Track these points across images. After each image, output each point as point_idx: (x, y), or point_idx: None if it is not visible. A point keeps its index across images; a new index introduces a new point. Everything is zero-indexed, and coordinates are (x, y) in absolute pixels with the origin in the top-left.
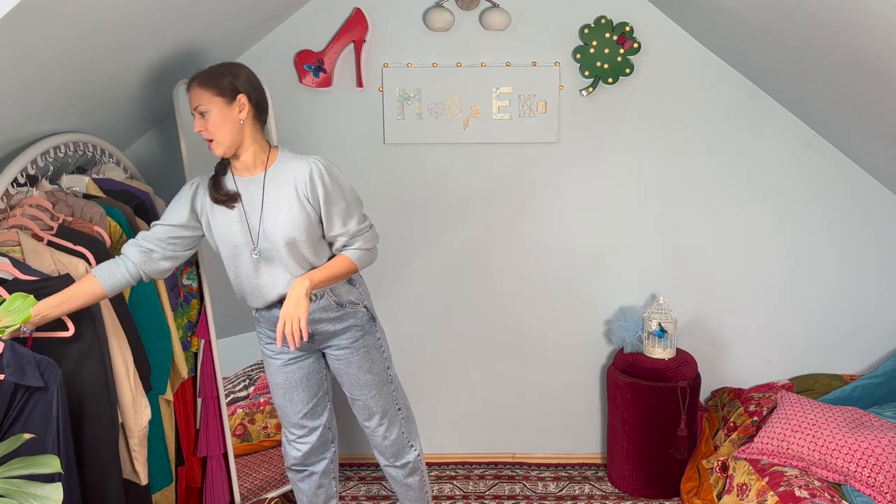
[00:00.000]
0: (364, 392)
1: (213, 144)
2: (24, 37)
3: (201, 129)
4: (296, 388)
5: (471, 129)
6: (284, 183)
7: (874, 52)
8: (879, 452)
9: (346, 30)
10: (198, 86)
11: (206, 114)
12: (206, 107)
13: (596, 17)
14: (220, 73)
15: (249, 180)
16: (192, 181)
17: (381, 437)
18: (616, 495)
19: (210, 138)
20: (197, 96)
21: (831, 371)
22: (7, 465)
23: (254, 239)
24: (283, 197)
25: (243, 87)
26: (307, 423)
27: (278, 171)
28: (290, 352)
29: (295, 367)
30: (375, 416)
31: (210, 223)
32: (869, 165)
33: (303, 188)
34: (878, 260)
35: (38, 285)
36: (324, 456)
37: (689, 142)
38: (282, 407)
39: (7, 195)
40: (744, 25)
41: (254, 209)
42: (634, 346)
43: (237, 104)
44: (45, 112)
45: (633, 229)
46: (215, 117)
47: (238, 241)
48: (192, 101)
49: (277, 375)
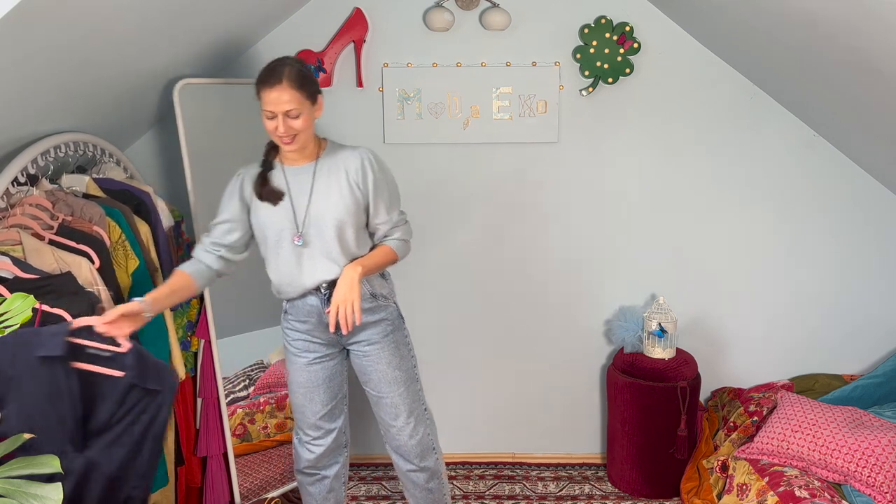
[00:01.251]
0: (392, 389)
1: (290, 141)
2: (24, 37)
3: (287, 130)
4: (317, 389)
5: (471, 129)
6: (335, 170)
7: (874, 52)
8: (879, 452)
9: (346, 30)
10: (290, 87)
11: (297, 116)
12: (298, 110)
13: (596, 17)
14: (306, 74)
15: (299, 169)
16: (237, 174)
17: (406, 436)
18: (616, 495)
19: (292, 135)
20: (290, 99)
21: (831, 371)
22: (7, 465)
23: (298, 225)
24: (333, 183)
25: (318, 88)
26: (324, 425)
27: (329, 160)
28: (316, 350)
29: (319, 366)
30: (402, 414)
31: (255, 212)
32: (869, 165)
33: (354, 175)
34: (878, 260)
35: (38, 283)
36: (336, 460)
37: (689, 142)
38: (300, 407)
39: (7, 194)
40: (744, 25)
41: (302, 196)
42: (634, 346)
43: (317, 104)
44: (45, 112)
45: (633, 229)
46: (304, 119)
47: (281, 228)
48: (277, 103)
49: (300, 374)
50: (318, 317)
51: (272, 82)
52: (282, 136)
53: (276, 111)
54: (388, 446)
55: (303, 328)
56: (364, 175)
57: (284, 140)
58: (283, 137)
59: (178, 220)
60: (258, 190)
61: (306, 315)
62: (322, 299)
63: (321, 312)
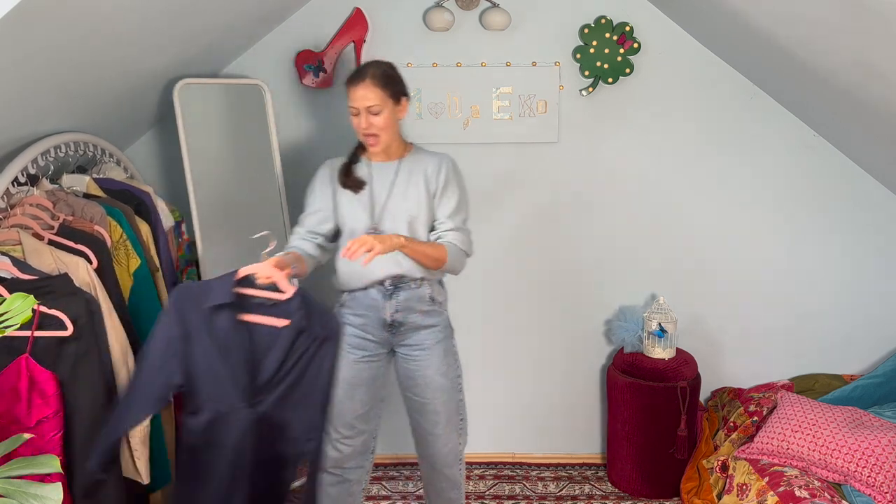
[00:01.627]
0: (437, 396)
1: (374, 140)
2: (24, 37)
3: (368, 126)
4: (359, 387)
5: (471, 129)
6: (416, 171)
7: (874, 51)
8: (879, 452)
9: (346, 30)
10: (374, 85)
11: (378, 113)
12: (379, 107)
13: (596, 17)
14: (391, 75)
15: (383, 165)
16: (325, 165)
17: (441, 444)
18: (616, 495)
19: (373, 133)
20: (372, 96)
21: (831, 371)
22: (7, 465)
23: (374, 217)
24: (412, 182)
25: (404, 90)
26: (358, 425)
27: (413, 161)
28: (366, 348)
29: (366, 365)
30: (442, 422)
31: (338, 202)
32: (869, 165)
33: (432, 173)
34: (878, 260)
35: (37, 284)
36: (362, 464)
37: (688, 142)
38: (339, 403)
39: (8, 194)
40: (744, 25)
41: (382, 190)
42: (634, 346)
43: (401, 106)
44: (45, 112)
45: (633, 229)
46: (386, 117)
47: (357, 219)
48: (361, 99)
49: (345, 370)
50: (377, 312)
51: (357, 80)
52: (365, 133)
53: (359, 107)
54: (419, 453)
55: (357, 322)
56: (438, 173)
57: (370, 140)
58: (366, 135)
59: (178, 220)
60: (342, 178)
61: (365, 309)
62: (385, 294)
63: (381, 308)
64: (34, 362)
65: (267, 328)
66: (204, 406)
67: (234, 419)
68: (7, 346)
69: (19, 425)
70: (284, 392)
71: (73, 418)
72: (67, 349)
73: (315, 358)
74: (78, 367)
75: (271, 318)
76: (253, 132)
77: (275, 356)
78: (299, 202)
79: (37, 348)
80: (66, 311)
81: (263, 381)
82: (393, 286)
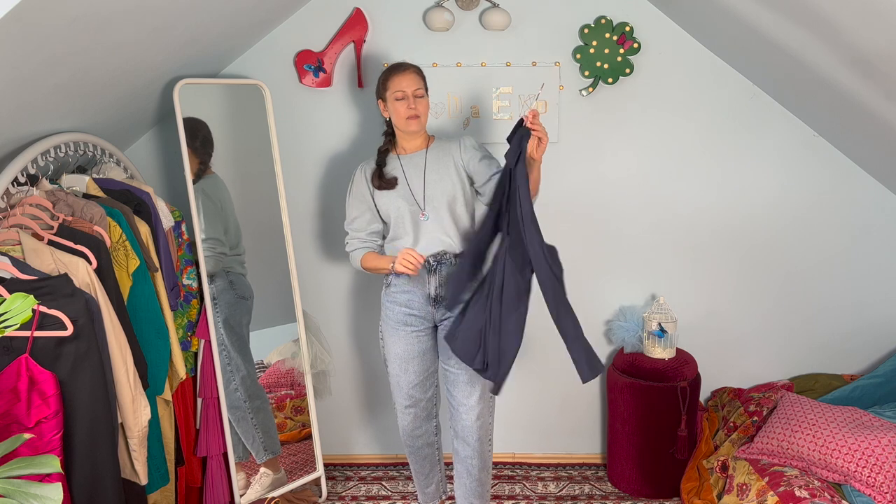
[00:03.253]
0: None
1: (416, 120)
2: (25, 37)
3: (413, 107)
4: (412, 360)
5: (471, 129)
6: (443, 156)
7: (875, 51)
8: (879, 452)
9: (346, 30)
10: (417, 74)
11: (422, 98)
12: (423, 91)
13: (596, 17)
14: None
15: (412, 156)
16: (359, 170)
17: (474, 416)
18: (616, 495)
19: (417, 115)
20: (417, 81)
21: (831, 371)
22: (7, 465)
23: (420, 203)
24: (442, 166)
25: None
26: (416, 394)
27: (437, 148)
28: (412, 324)
29: (415, 338)
30: (476, 393)
31: (378, 199)
32: (869, 165)
33: (457, 155)
34: (879, 260)
35: (37, 284)
36: (427, 427)
37: (689, 142)
38: (396, 376)
39: (7, 194)
40: (744, 26)
41: (417, 179)
42: (634, 346)
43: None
44: (45, 112)
45: (633, 229)
46: (425, 103)
47: (402, 208)
48: (411, 84)
49: (397, 345)
50: (422, 288)
51: (403, 69)
52: (410, 115)
53: (407, 90)
54: (454, 431)
55: (403, 300)
56: (462, 150)
57: (412, 121)
58: (410, 117)
59: (178, 220)
60: (376, 182)
61: (412, 285)
62: (429, 270)
63: (426, 284)
64: (34, 362)
65: None
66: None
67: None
68: (7, 346)
69: (19, 425)
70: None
71: (72, 418)
72: (67, 349)
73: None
74: (78, 367)
75: None
76: (253, 132)
77: None
78: (299, 202)
79: (36, 348)
80: (65, 311)
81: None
82: (437, 263)
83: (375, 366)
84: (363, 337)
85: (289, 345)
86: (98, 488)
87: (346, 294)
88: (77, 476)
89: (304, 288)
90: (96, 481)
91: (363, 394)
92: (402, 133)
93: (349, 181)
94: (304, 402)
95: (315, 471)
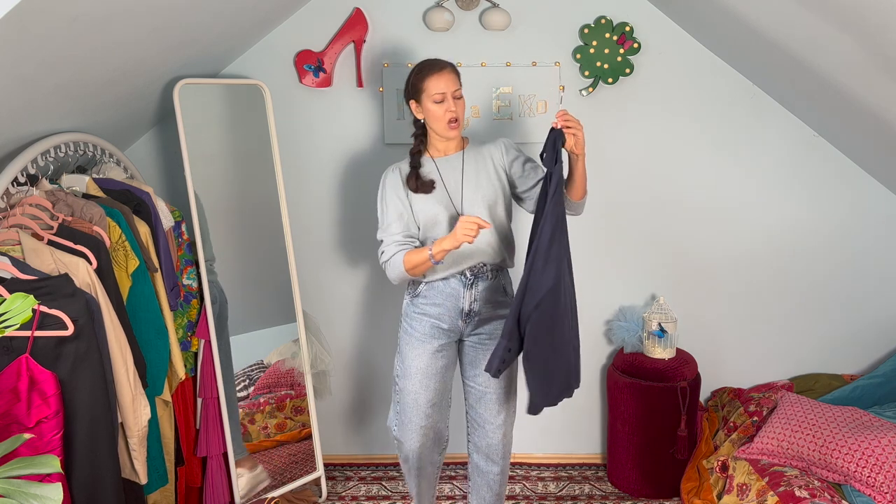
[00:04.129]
0: (500, 385)
1: (456, 124)
2: (25, 37)
3: (453, 109)
4: (434, 376)
5: (471, 129)
6: (481, 159)
7: (875, 51)
8: (879, 452)
9: (346, 30)
10: (454, 73)
11: (459, 99)
12: (461, 92)
13: (596, 17)
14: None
15: (448, 159)
16: (391, 171)
17: (501, 435)
18: (616, 495)
19: (457, 118)
20: (456, 81)
21: (831, 371)
22: (7, 465)
23: (457, 208)
24: (481, 169)
25: None
26: (433, 413)
27: (474, 151)
28: (440, 338)
29: (440, 355)
30: (503, 412)
31: (412, 204)
32: (869, 165)
33: (499, 159)
34: (879, 260)
35: (35, 285)
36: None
37: (689, 141)
38: (414, 394)
39: (7, 194)
40: (744, 26)
41: (454, 182)
42: (634, 346)
43: None
44: (45, 112)
45: (633, 229)
46: (464, 102)
47: (438, 213)
48: (449, 84)
49: (420, 360)
50: (456, 302)
51: (439, 68)
52: (451, 117)
53: (446, 91)
54: (475, 446)
55: (434, 312)
56: (505, 153)
57: (452, 125)
58: (451, 120)
59: (178, 220)
60: (412, 184)
61: (444, 298)
62: (465, 284)
63: (460, 297)
64: (34, 362)
65: None
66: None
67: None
68: (7, 346)
69: (19, 425)
70: None
71: (72, 418)
72: (67, 349)
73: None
74: (78, 367)
75: None
76: (253, 132)
77: None
78: (299, 202)
79: (37, 348)
80: (66, 311)
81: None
82: (473, 276)
83: (375, 366)
84: (363, 337)
85: (289, 345)
86: (98, 488)
87: (346, 294)
88: (77, 476)
89: (304, 288)
90: (96, 481)
91: (363, 394)
92: (437, 136)
93: (379, 186)
94: (304, 402)
95: (315, 471)
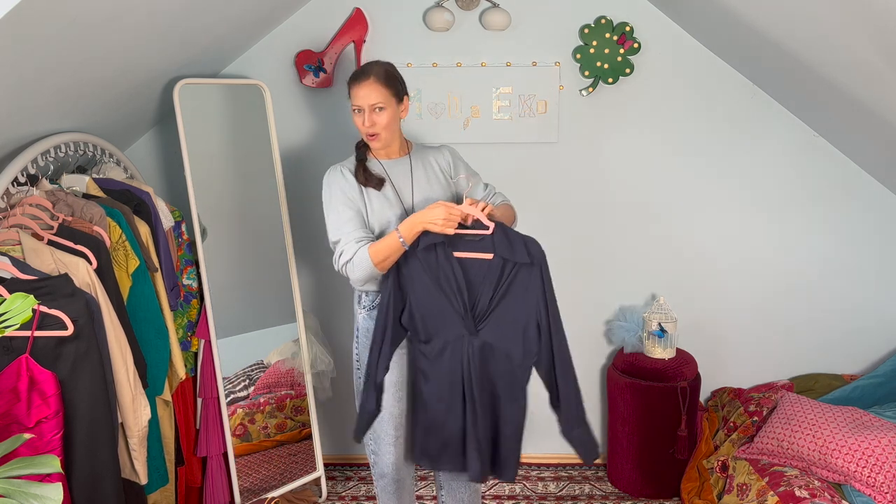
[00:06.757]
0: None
1: (376, 139)
2: (25, 37)
3: (371, 124)
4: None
5: (471, 129)
6: (428, 164)
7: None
8: (879, 452)
9: (346, 30)
10: (377, 84)
11: (381, 111)
12: (383, 104)
13: (596, 17)
14: (393, 74)
15: (395, 161)
16: (335, 170)
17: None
18: (616, 495)
19: (376, 132)
20: (375, 93)
21: (831, 371)
22: (7, 465)
23: (408, 211)
24: (430, 174)
25: (406, 90)
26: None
27: (420, 155)
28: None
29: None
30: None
31: (368, 206)
32: (869, 165)
33: (445, 167)
34: (879, 260)
35: (35, 285)
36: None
37: (688, 142)
38: (389, 406)
39: (7, 194)
40: (744, 25)
41: (404, 185)
42: (634, 346)
43: (403, 105)
44: (45, 112)
45: (632, 229)
46: (389, 115)
47: (390, 216)
48: (365, 97)
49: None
50: None
51: (360, 79)
52: (367, 131)
53: (363, 105)
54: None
55: None
56: (452, 165)
57: (371, 139)
58: (368, 133)
59: (178, 220)
60: (361, 178)
61: None
62: None
63: None
64: (34, 362)
65: (478, 262)
66: (434, 335)
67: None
68: (7, 346)
69: (19, 425)
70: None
71: (72, 418)
72: (67, 349)
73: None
74: (78, 367)
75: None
76: (253, 132)
77: (488, 286)
78: (299, 202)
79: (36, 348)
80: (66, 311)
81: (482, 311)
82: None
83: None
84: None
85: (289, 345)
86: (98, 488)
87: (346, 294)
88: (77, 476)
89: (304, 288)
90: (96, 481)
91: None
92: None
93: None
94: (304, 402)
95: (315, 471)
